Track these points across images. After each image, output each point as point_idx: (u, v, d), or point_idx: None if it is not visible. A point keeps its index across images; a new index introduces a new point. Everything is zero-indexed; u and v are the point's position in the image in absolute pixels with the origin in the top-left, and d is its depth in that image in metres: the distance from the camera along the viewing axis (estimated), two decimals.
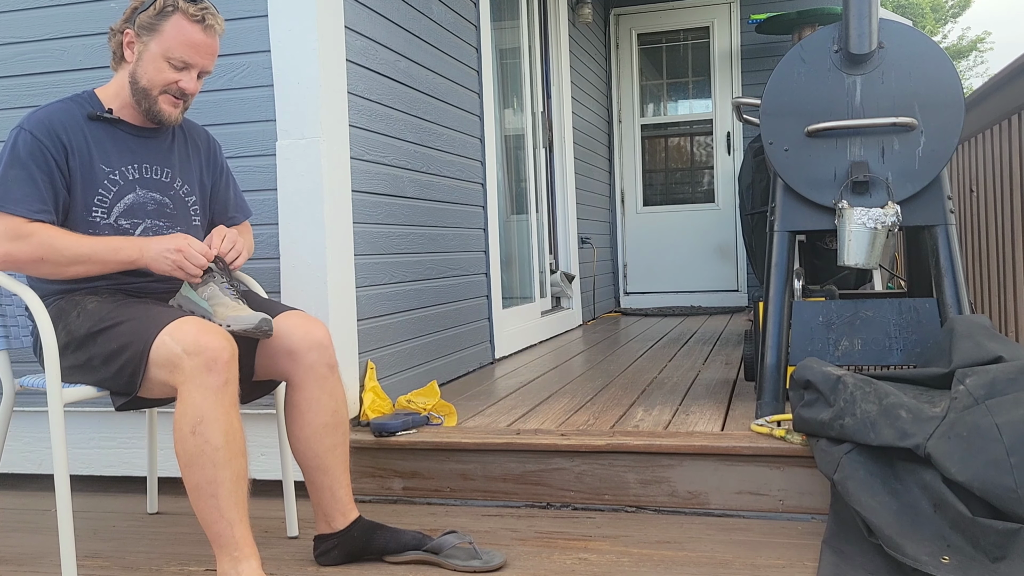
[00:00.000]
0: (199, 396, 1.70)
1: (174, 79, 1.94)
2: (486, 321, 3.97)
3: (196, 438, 1.69)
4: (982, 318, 2.29)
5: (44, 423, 2.68)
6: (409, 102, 3.20)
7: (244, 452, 1.74)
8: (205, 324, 1.77)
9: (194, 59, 1.94)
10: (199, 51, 1.94)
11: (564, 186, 5.47)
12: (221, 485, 1.69)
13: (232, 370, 1.73)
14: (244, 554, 1.71)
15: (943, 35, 26.69)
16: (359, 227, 2.76)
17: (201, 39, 1.94)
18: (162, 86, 1.94)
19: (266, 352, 1.99)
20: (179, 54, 1.92)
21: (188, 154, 2.12)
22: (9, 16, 2.74)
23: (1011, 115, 3.06)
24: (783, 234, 2.62)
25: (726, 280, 6.75)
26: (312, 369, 1.95)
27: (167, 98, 1.96)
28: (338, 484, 1.98)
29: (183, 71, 1.95)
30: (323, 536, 2.01)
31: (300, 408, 1.96)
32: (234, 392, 1.74)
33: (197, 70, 1.97)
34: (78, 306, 1.90)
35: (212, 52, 1.98)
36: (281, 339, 1.95)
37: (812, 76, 2.55)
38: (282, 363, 1.97)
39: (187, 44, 1.93)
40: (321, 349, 1.96)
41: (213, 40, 1.97)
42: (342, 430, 1.99)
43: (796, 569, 1.88)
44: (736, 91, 6.63)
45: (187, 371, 1.71)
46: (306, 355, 1.94)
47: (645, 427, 2.49)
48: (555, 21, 5.40)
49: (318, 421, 1.95)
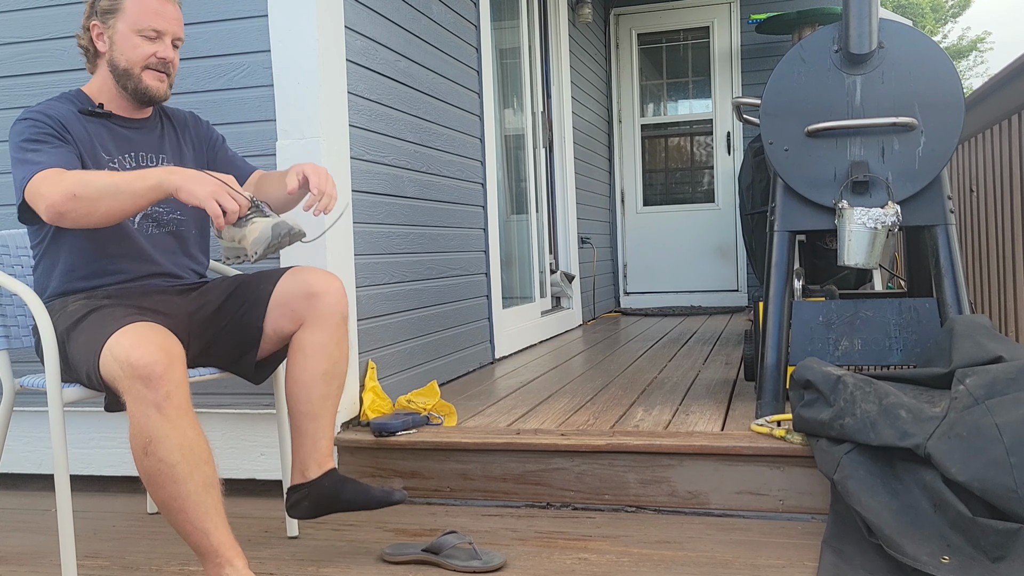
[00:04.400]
0: (141, 414, 1.64)
1: (151, 51, 1.97)
2: (486, 321, 3.97)
3: (150, 458, 1.64)
4: (982, 318, 2.29)
5: (44, 423, 2.68)
6: (409, 102, 3.20)
7: (207, 459, 1.69)
8: (143, 332, 1.69)
9: (163, 26, 1.98)
10: (165, 18, 1.98)
11: (564, 186, 5.47)
12: (187, 499, 1.66)
13: (172, 380, 1.65)
14: (226, 558, 1.69)
15: (943, 35, 26.69)
16: (359, 227, 2.76)
17: (162, 5, 1.98)
18: (142, 61, 1.97)
19: (283, 299, 1.99)
20: (147, 23, 1.96)
21: (178, 139, 2.15)
22: (9, 16, 2.74)
23: (1011, 115, 3.06)
24: (783, 234, 2.62)
25: (726, 280, 6.75)
26: (328, 314, 1.97)
27: (150, 73, 1.99)
28: (322, 434, 1.99)
29: (156, 41, 1.97)
30: (295, 487, 2.00)
31: (306, 351, 1.97)
32: (180, 401, 1.66)
33: (169, 37, 1.99)
34: (63, 306, 1.90)
35: (177, 18, 2.01)
36: (300, 284, 1.98)
37: (812, 76, 2.55)
38: (299, 306, 1.97)
39: (152, 12, 1.96)
40: (340, 296, 1.99)
41: (174, 6, 2.01)
42: (339, 383, 2.01)
43: (796, 569, 1.88)
44: (736, 91, 6.63)
45: (126, 388, 1.65)
46: (324, 297, 1.97)
47: (645, 427, 2.49)
48: (555, 21, 5.40)
49: (320, 368, 1.96)
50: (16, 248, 2.17)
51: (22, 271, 2.16)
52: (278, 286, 2.01)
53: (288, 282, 2.01)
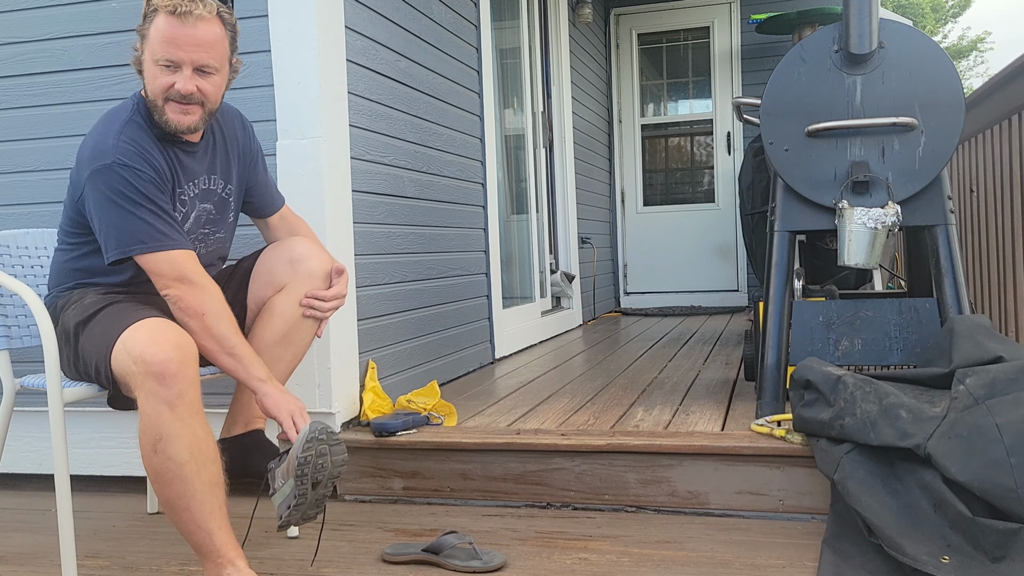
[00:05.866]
0: (153, 411, 1.63)
1: (168, 83, 1.79)
2: (486, 321, 3.97)
3: (159, 456, 1.64)
4: (982, 318, 2.29)
5: (44, 423, 2.68)
6: (409, 102, 3.20)
7: (215, 459, 1.69)
8: (158, 328, 1.68)
9: (176, 54, 1.77)
10: (179, 44, 1.76)
11: (564, 186, 5.47)
12: (193, 498, 1.66)
13: (186, 379, 1.64)
14: (228, 558, 1.69)
15: (943, 35, 26.67)
16: (359, 227, 2.76)
17: (179, 31, 1.75)
18: (162, 94, 1.80)
19: (265, 266, 1.99)
20: (161, 54, 1.77)
21: (227, 154, 2.05)
22: (9, 16, 2.74)
23: (1011, 115, 3.06)
24: (783, 234, 2.62)
25: (726, 280, 6.75)
26: (310, 277, 1.96)
27: (172, 106, 1.81)
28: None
29: (175, 71, 1.78)
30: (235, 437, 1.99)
31: (275, 310, 1.96)
32: (193, 399, 1.66)
33: (189, 67, 1.79)
34: (73, 299, 1.90)
35: (197, 42, 1.77)
36: (284, 250, 1.98)
37: (812, 76, 2.55)
38: (281, 271, 1.97)
39: (165, 40, 1.76)
40: (323, 261, 1.98)
41: (195, 29, 1.76)
42: (294, 350, 1.99)
43: (796, 569, 1.88)
44: (736, 91, 6.63)
45: (139, 384, 1.65)
46: (307, 261, 1.97)
47: (645, 427, 2.49)
48: (555, 21, 5.40)
49: (282, 328, 1.95)
50: (16, 248, 2.17)
51: (22, 271, 2.16)
52: (262, 255, 2.02)
53: (271, 250, 2.02)
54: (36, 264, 2.20)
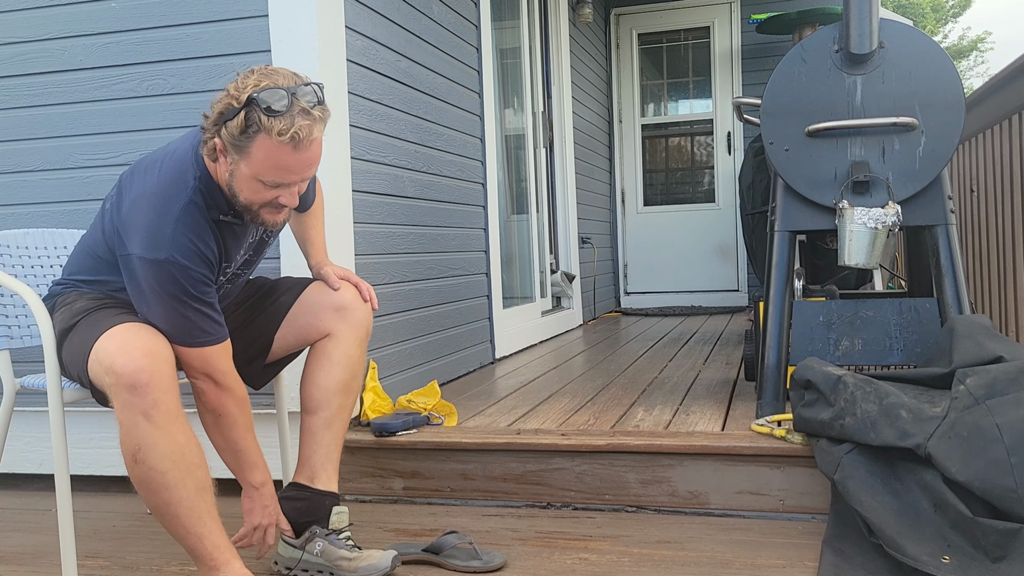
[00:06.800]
0: (129, 421, 1.62)
1: (272, 197, 1.73)
2: (486, 321, 3.97)
3: (140, 466, 1.64)
4: (982, 318, 2.29)
5: (44, 423, 2.68)
6: (409, 102, 3.20)
7: (199, 463, 1.68)
8: (129, 336, 1.65)
9: (289, 178, 1.71)
10: (293, 171, 1.70)
11: (564, 186, 5.47)
12: (179, 505, 1.66)
13: (159, 387, 1.61)
14: (220, 561, 1.70)
15: (943, 35, 26.67)
16: (359, 227, 2.76)
17: (293, 160, 1.67)
18: (261, 204, 1.74)
19: (310, 308, 2.01)
20: (271, 177, 1.69)
21: None
22: (9, 16, 2.73)
23: (1011, 115, 3.05)
24: (783, 234, 2.62)
25: (726, 280, 6.75)
26: (357, 326, 2.01)
27: (269, 209, 1.76)
28: (335, 446, 2.02)
29: (281, 188, 1.73)
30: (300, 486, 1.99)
31: (332, 359, 1.99)
32: (169, 407, 1.63)
33: (296, 186, 1.74)
34: (67, 300, 1.89)
35: (309, 164, 1.71)
36: (331, 296, 2.01)
37: (812, 76, 2.55)
38: (327, 318, 2.00)
39: (278, 168, 1.68)
40: (367, 313, 2.03)
41: (309, 151, 1.68)
42: (354, 397, 2.05)
43: (796, 569, 1.88)
44: (736, 91, 6.63)
45: (113, 394, 1.63)
46: (355, 312, 2.01)
47: (645, 427, 2.49)
48: (555, 21, 5.40)
49: (343, 377, 1.99)
50: (16, 248, 2.17)
51: (22, 271, 2.16)
52: (305, 295, 2.04)
53: (317, 292, 2.03)
54: (36, 264, 2.20)
